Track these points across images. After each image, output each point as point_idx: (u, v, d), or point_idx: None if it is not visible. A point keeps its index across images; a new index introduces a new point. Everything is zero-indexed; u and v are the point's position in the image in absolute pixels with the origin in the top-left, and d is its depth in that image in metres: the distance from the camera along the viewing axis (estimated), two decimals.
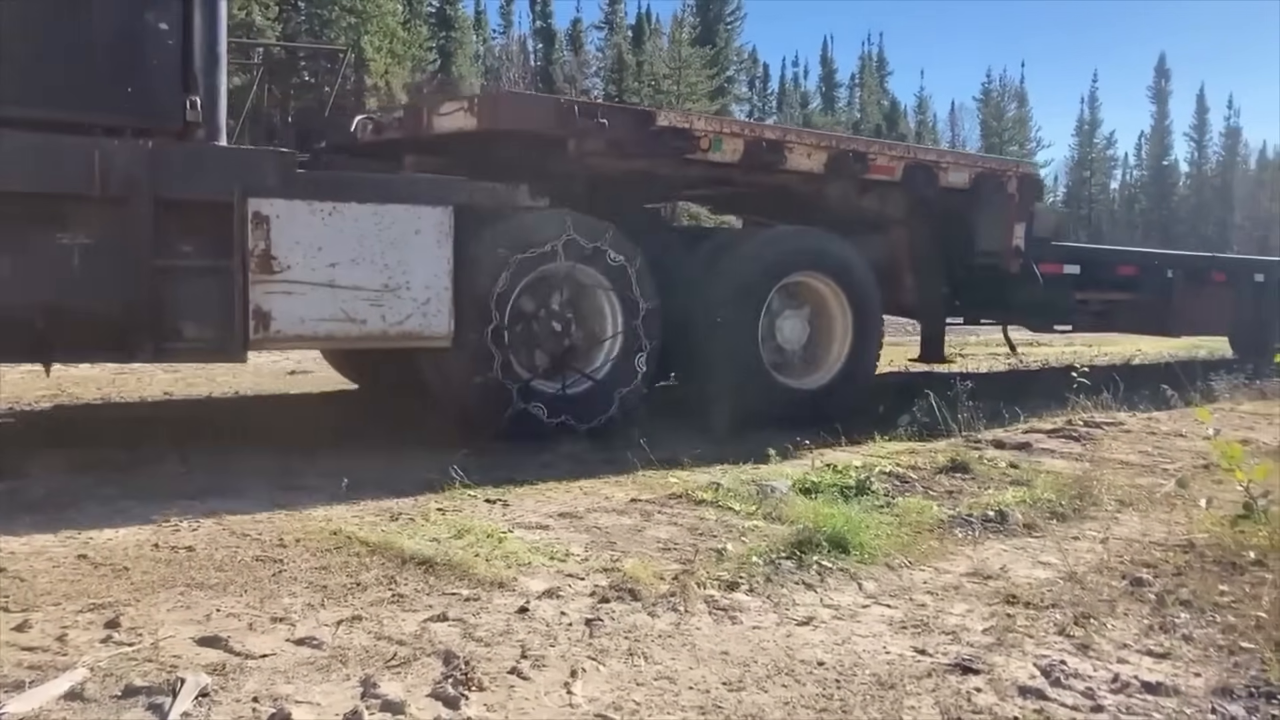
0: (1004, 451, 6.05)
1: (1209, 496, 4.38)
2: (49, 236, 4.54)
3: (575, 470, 5.14)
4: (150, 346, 4.78)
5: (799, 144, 6.79)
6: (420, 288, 5.32)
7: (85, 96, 4.67)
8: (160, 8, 4.73)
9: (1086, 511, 4.58)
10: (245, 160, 5.06)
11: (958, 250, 7.93)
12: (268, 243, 4.90)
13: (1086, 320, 9.24)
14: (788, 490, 4.67)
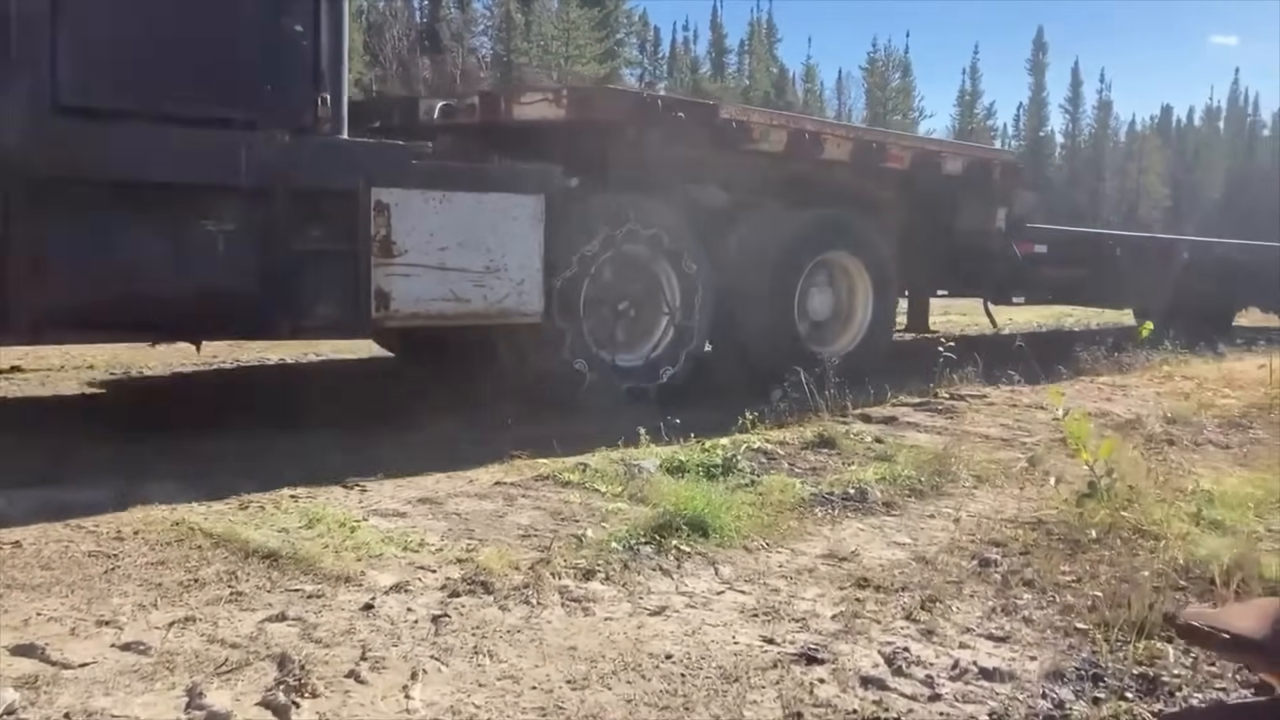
0: (870, 425, 6.15)
1: (1059, 475, 4.49)
2: (198, 225, 4.84)
3: (439, 453, 5.02)
4: (286, 325, 5.21)
5: (832, 136, 7.53)
6: (516, 269, 5.79)
7: (231, 94, 4.96)
8: (295, 11, 5.02)
9: (944, 488, 4.69)
10: (369, 153, 5.42)
11: (946, 229, 8.61)
12: (388, 229, 5.29)
13: (1048, 293, 10.30)
14: (655, 470, 4.66)
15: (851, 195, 7.89)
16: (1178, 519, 3.99)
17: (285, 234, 5.02)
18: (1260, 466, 5.20)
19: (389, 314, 5.37)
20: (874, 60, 62.74)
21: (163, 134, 4.73)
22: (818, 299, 7.73)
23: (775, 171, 7.36)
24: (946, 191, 8.42)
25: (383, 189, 5.29)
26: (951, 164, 8.29)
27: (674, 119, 6.46)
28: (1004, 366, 8.43)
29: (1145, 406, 7.45)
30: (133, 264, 4.72)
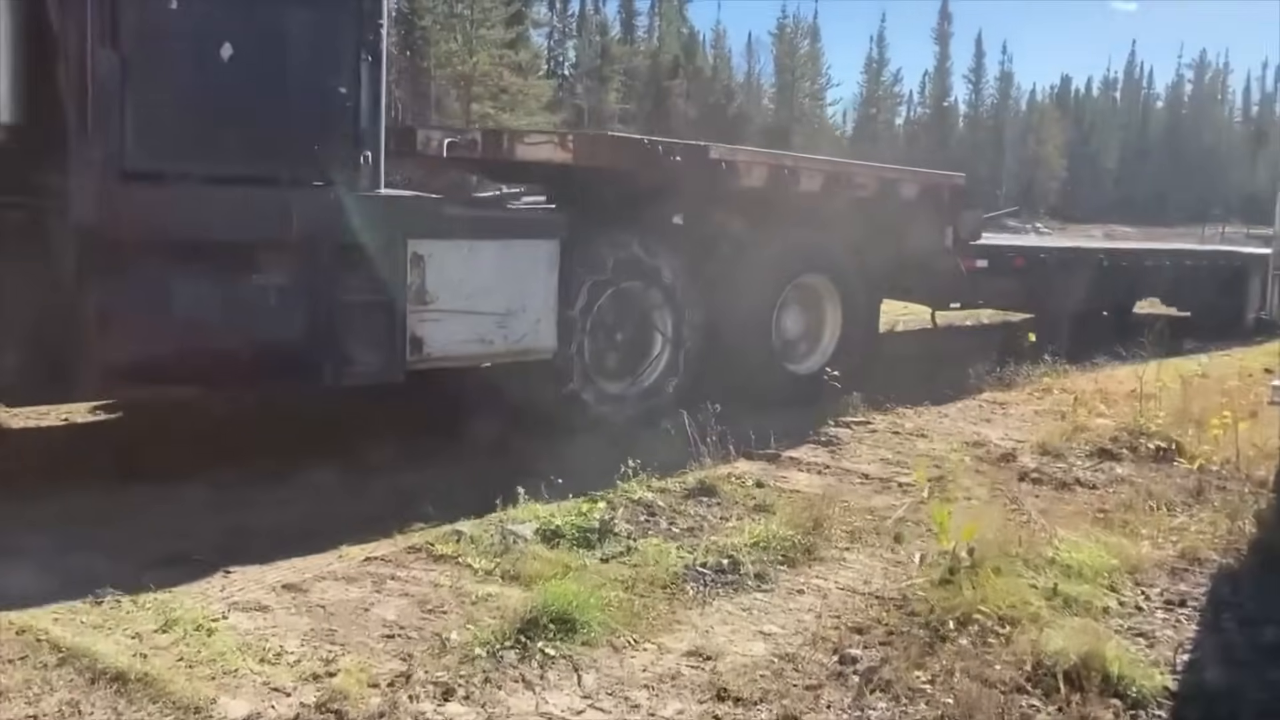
0: (753, 464, 6.22)
1: (922, 552, 4.58)
2: (251, 279, 5.13)
3: (312, 512, 4.93)
4: (329, 372, 5.45)
5: (807, 169, 8.08)
6: (534, 309, 6.27)
7: (283, 154, 5.25)
8: (341, 74, 5.33)
9: (817, 550, 4.75)
10: (406, 206, 5.88)
11: (900, 247, 9.18)
12: (423, 278, 5.70)
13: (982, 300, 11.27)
14: (531, 536, 4.65)
15: (822, 221, 8.33)
16: (1034, 596, 4.12)
17: (330, 286, 5.35)
18: (1118, 519, 5.39)
19: (422, 357, 5.78)
20: (783, 26, 62.91)
21: (221, 194, 5.05)
22: (791, 320, 8.27)
23: (756, 202, 7.74)
24: (902, 214, 8.95)
25: (418, 240, 5.69)
26: (908, 189, 8.86)
27: (671, 162, 6.90)
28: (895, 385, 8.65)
29: (1022, 430, 7.70)
30: (192, 319, 5.01)
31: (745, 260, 7.73)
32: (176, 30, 4.88)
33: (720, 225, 7.71)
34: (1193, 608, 4.29)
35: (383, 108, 5.61)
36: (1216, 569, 4.73)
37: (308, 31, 5.29)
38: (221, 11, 5.01)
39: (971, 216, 9.67)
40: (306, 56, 5.30)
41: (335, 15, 5.35)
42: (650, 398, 7.12)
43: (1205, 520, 5.37)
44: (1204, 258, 14.33)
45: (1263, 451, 6.65)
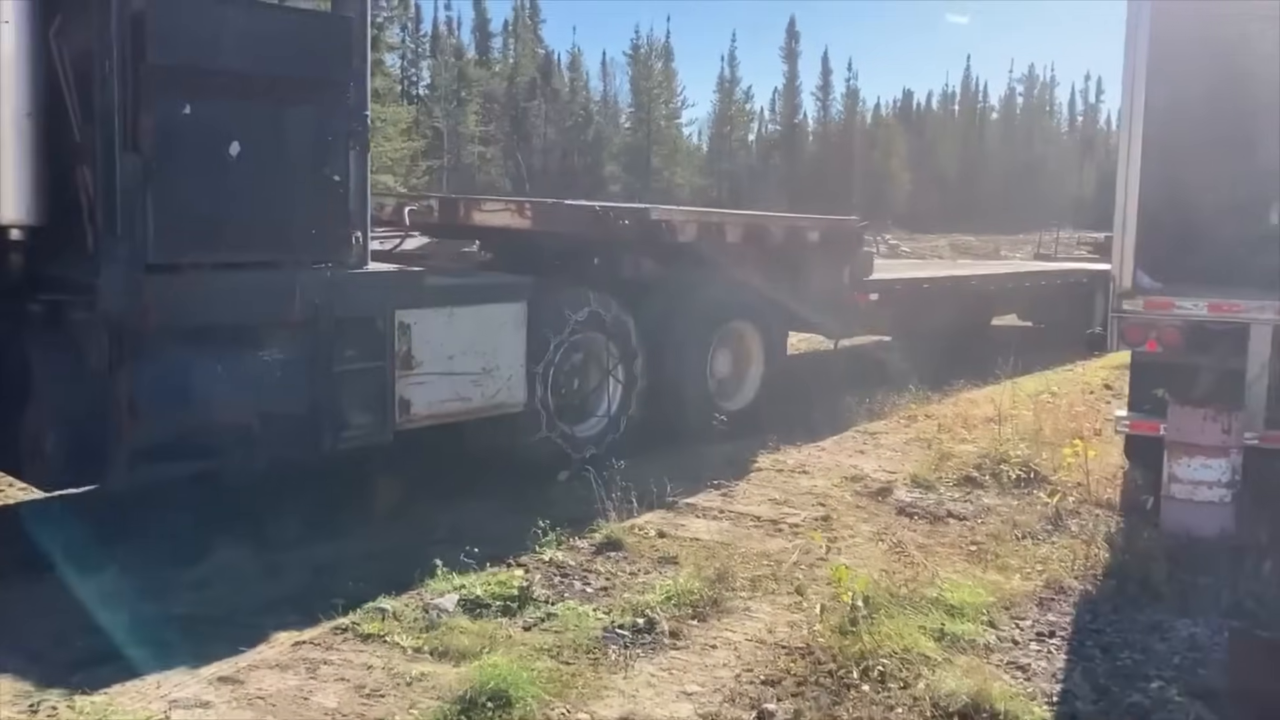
0: (653, 514, 6.50)
1: (821, 602, 4.94)
2: (259, 357, 5.56)
3: (232, 595, 5.00)
4: (329, 438, 5.87)
5: (731, 223, 9.02)
6: (506, 366, 6.85)
7: (286, 239, 5.73)
8: (333, 162, 5.86)
9: (724, 602, 5.08)
10: (392, 280, 6.42)
11: (804, 284, 9.99)
12: (409, 344, 6.22)
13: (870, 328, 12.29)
14: (453, 608, 4.84)
15: (745, 269, 9.07)
16: (925, 638, 4.54)
17: (328, 357, 5.80)
18: (990, 551, 5.90)
19: (409, 418, 6.27)
20: (637, 47, 63.82)
21: (234, 280, 5.55)
22: (722, 361, 9.02)
23: (690, 256, 8.51)
24: (808, 256, 9.88)
25: (404, 310, 6.22)
26: (812, 234, 9.79)
27: (620, 225, 7.72)
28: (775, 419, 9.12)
29: (894, 461, 8.23)
30: (210, 397, 5.36)
31: (683, 309, 8.47)
32: (191, 133, 5.32)
33: (660, 278, 8.37)
34: (1061, 637, 4.78)
35: (368, 190, 6.18)
36: (1078, 597, 5.26)
37: (304, 126, 5.78)
38: (229, 114, 5.47)
39: (865, 255, 10.56)
40: (304, 149, 5.79)
41: (327, 110, 5.84)
42: (609, 434, 7.77)
43: (1065, 548, 5.93)
44: (1056, 277, 15.60)
45: (1109, 475, 7.32)
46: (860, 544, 6.10)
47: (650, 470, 7.31)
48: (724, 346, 9.04)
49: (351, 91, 5.95)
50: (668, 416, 8.27)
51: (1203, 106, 7.94)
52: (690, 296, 8.59)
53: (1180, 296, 6.39)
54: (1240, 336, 6.25)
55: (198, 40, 5.37)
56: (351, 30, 6.00)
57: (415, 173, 43.88)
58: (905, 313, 11.94)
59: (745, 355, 9.30)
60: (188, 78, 5.28)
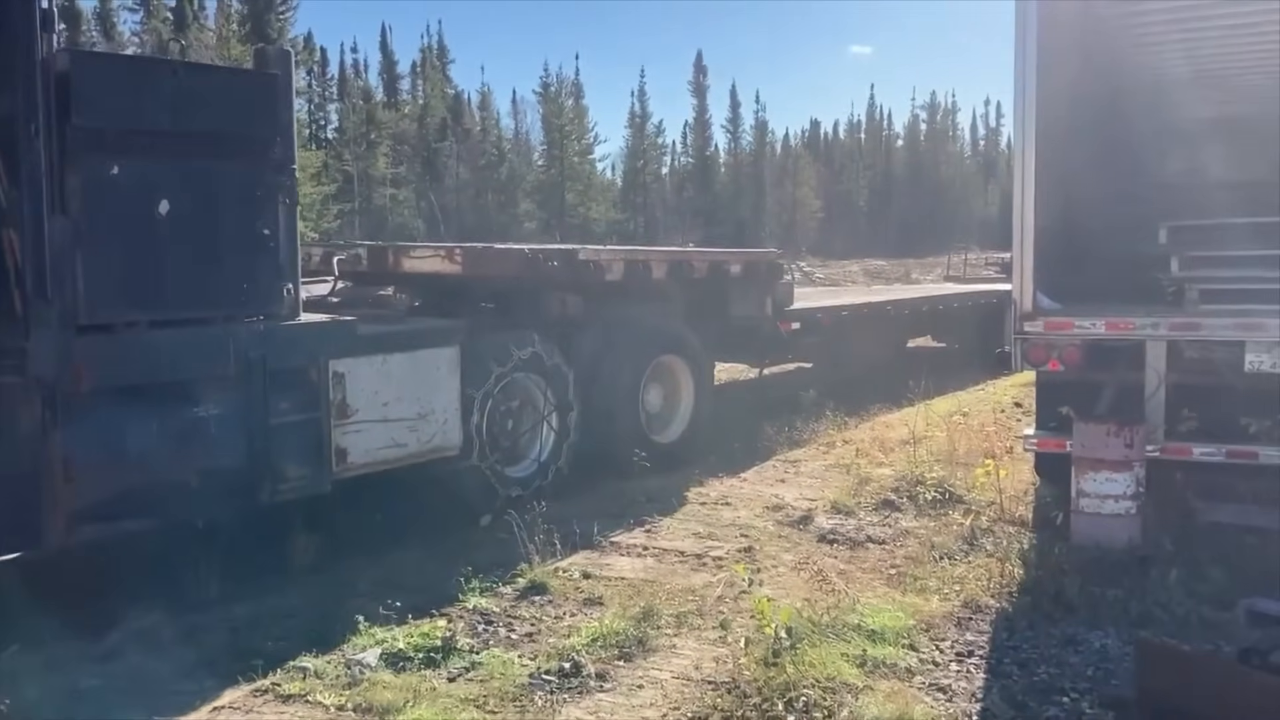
0: (577, 555, 6.49)
1: (745, 635, 4.98)
2: (193, 412, 5.56)
3: (146, 662, 4.85)
4: (268, 490, 5.86)
5: (656, 259, 9.19)
6: (440, 411, 6.89)
7: (219, 294, 5.77)
8: (263, 217, 5.93)
9: (650, 640, 5.07)
10: (325, 330, 6.41)
11: (726, 315, 10.37)
12: (344, 393, 6.24)
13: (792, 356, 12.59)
14: (376, 662, 4.77)
15: (671, 304, 9.52)
16: (847, 665, 4.60)
17: (263, 410, 5.81)
18: (909, 574, 6.00)
19: (346, 467, 6.28)
20: (546, 85, 64.10)
21: (167, 338, 5.53)
22: (654, 395, 9.16)
23: (619, 293, 8.78)
24: (730, 289, 10.23)
25: (338, 360, 6.24)
26: (735, 267, 10.09)
27: (549, 267, 7.85)
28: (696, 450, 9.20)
29: (814, 488, 8.33)
30: (146, 456, 5.37)
31: (614, 345, 8.68)
32: (119, 193, 5.34)
33: (591, 317, 8.53)
34: (979, 656, 4.88)
35: (297, 242, 6.26)
36: (995, 615, 5.38)
37: (233, 182, 5.85)
38: (157, 172, 5.51)
39: (785, 285, 10.81)
40: (233, 204, 5.86)
41: (255, 166, 5.92)
42: (537, 479, 7.78)
43: (981, 566, 6.06)
44: (968, 298, 16.02)
45: (1021, 492, 7.50)
46: (783, 574, 6.16)
47: (574, 509, 7.35)
48: (655, 381, 9.17)
49: (279, 146, 6.02)
50: (601, 452, 8.37)
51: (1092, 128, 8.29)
52: (620, 333, 8.77)
53: (1079, 316, 6.61)
54: (1137, 352, 6.48)
55: (124, 101, 5.40)
56: (277, 87, 6.09)
57: (326, 217, 43.34)
58: (826, 340, 12.23)
59: (676, 388, 9.46)
60: (114, 138, 5.30)
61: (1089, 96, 8.08)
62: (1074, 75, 7.38)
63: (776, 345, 11.15)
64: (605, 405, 8.46)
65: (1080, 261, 7.70)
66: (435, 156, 59.24)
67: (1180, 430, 6.40)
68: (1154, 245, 7.06)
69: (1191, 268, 6.86)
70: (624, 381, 8.66)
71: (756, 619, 4.81)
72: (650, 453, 8.53)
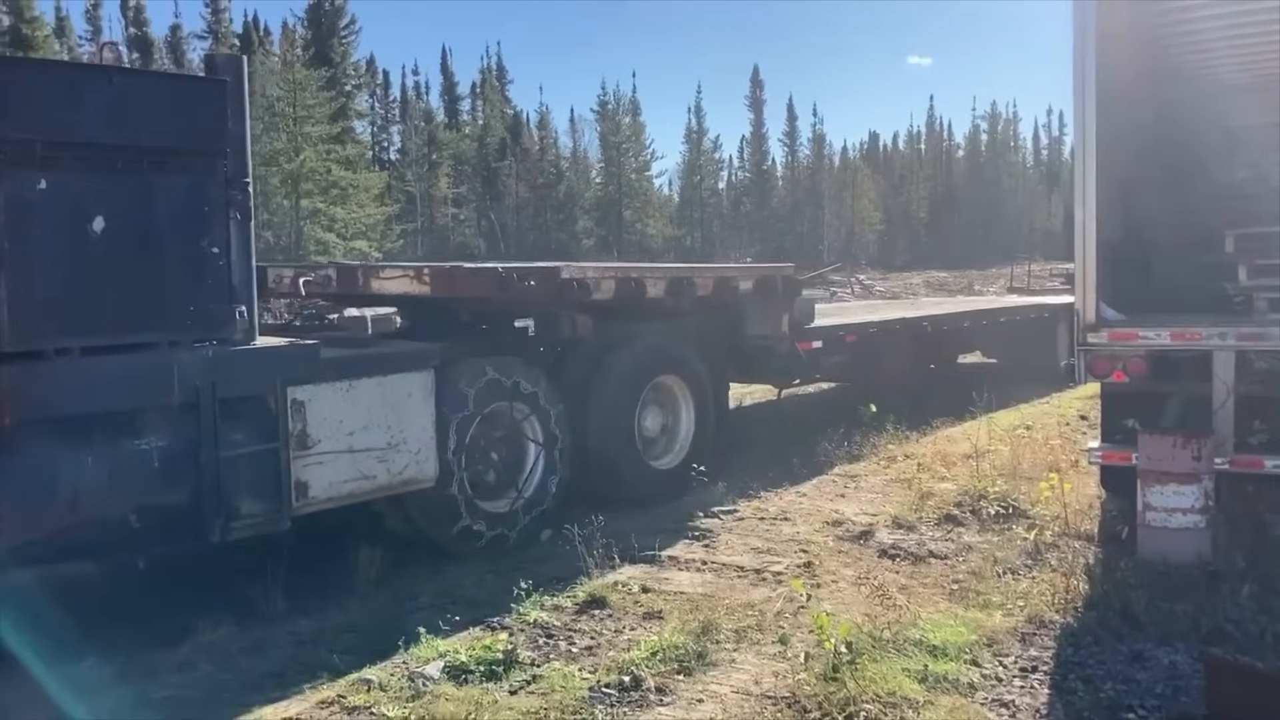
0: (636, 568, 6.52)
1: (806, 650, 4.97)
2: (134, 444, 5.24)
3: (219, 679, 4.97)
4: (217, 527, 5.49)
5: (651, 277, 8.49)
6: (414, 440, 6.45)
7: (161, 318, 5.42)
8: (211, 234, 5.55)
9: (709, 655, 5.08)
10: (282, 355, 5.95)
11: (740, 334, 9.87)
12: (304, 423, 5.86)
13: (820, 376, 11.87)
14: (439, 675, 4.83)
15: (670, 323, 8.96)
16: (908, 681, 4.56)
17: (212, 442, 5.46)
18: (971, 589, 5.94)
19: (307, 501, 5.89)
20: (604, 103, 64.52)
21: (102, 365, 5.16)
22: (650, 418, 8.66)
23: (610, 312, 8.22)
24: (741, 306, 9.68)
25: (297, 387, 5.86)
26: (744, 284, 9.46)
27: (525, 287, 7.26)
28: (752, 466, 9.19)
29: (874, 503, 8.27)
30: (81, 491, 5.06)
31: (606, 367, 8.17)
32: (47, 210, 5.00)
33: (578, 337, 8.07)
34: (1044, 672, 4.82)
35: (253, 261, 5.84)
36: (1060, 630, 5.30)
37: (176, 197, 5.46)
38: (91, 188, 5.14)
39: (804, 302, 10.28)
40: (177, 221, 5.47)
41: (201, 180, 5.53)
42: (535, 505, 7.32)
43: (1045, 581, 5.97)
44: (1017, 313, 15.55)
45: (1086, 507, 7.38)
46: (843, 589, 6.13)
47: (631, 524, 7.36)
48: (653, 404, 8.70)
49: (230, 158, 5.64)
50: (595, 480, 7.95)
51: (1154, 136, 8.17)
52: (613, 354, 8.31)
53: (1143, 326, 6.51)
54: (1204, 363, 6.36)
55: (52, 110, 5.04)
56: (226, 95, 5.67)
57: (390, 237, 44.04)
58: (856, 358, 11.69)
59: (675, 411, 8.99)
60: (42, 151, 4.95)
61: (1149, 104, 7.98)
62: (1133, 83, 7.30)
63: (795, 366, 10.41)
64: (597, 431, 8.00)
65: (1144, 271, 7.60)
66: (495, 176, 59.86)
67: (1251, 443, 6.27)
68: (1220, 254, 6.94)
69: (1260, 276, 6.72)
70: (617, 404, 8.19)
71: (816, 634, 4.80)
72: (647, 480, 8.26)
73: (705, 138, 71.27)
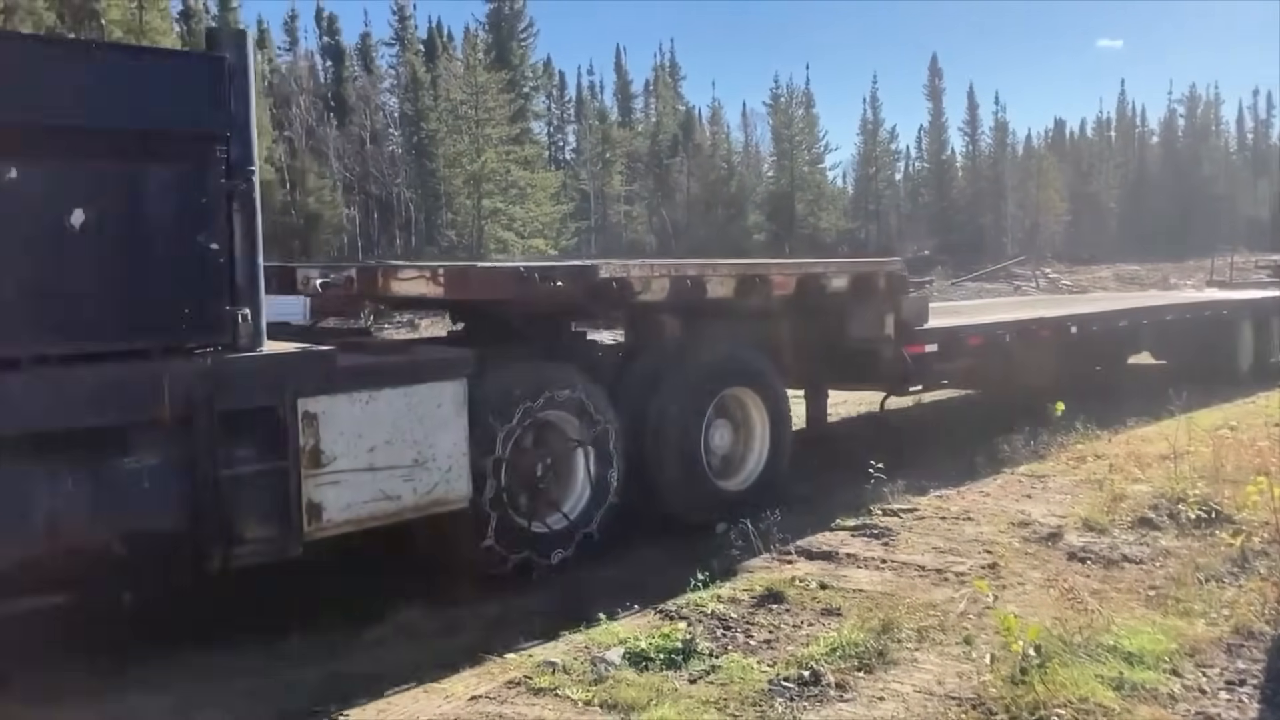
0: (813, 564, 6.49)
1: (991, 651, 4.84)
2: (120, 464, 4.70)
3: (411, 657, 5.21)
4: (218, 555, 4.95)
5: (714, 275, 7.62)
6: (444, 457, 5.80)
7: (148, 322, 4.85)
8: (209, 229, 4.96)
9: (890, 653, 5.01)
10: (293, 363, 5.34)
11: (838, 336, 9.05)
12: (317, 438, 5.26)
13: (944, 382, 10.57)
14: (619, 661, 4.94)
15: (741, 328, 8.22)
16: (1102, 688, 4.39)
17: (210, 460, 4.88)
18: (1170, 597, 5.65)
19: (321, 525, 5.29)
20: (776, 96, 64.12)
21: (83, 375, 4.60)
22: (720, 435, 7.82)
23: (667, 314, 7.62)
24: (835, 304, 8.80)
25: (309, 398, 5.24)
26: (836, 282, 8.58)
27: (551, 287, 6.50)
28: (928, 462, 8.99)
29: (1064, 504, 7.95)
30: (57, 520, 4.53)
31: (668, 376, 7.42)
32: (18, 202, 4.48)
33: (631, 343, 7.68)
34: (1252, 686, 4.54)
35: (259, 258, 5.25)
36: (1270, 642, 4.98)
37: (169, 188, 4.88)
38: (69, 177, 4.61)
39: (915, 301, 9.35)
40: (169, 215, 4.89)
41: (198, 167, 4.95)
42: (579, 530, 6.65)
43: (1253, 590, 5.62)
44: (1187, 310, 14.32)
45: None
46: (1030, 591, 5.93)
47: (808, 520, 7.33)
48: (721, 419, 7.84)
49: (231, 144, 5.04)
50: (656, 502, 7.26)
51: None
52: (678, 362, 7.53)
53: None
54: None
55: (24, 90, 4.48)
56: (225, 72, 5.03)
57: (564, 235, 45.05)
58: (985, 362, 10.56)
59: (748, 426, 8.09)
60: (12, 135, 4.43)
61: None
62: None
63: (901, 372, 9.30)
64: (658, 447, 7.21)
65: None
66: (667, 172, 60.44)
67: None
68: None
69: None
70: (682, 419, 7.32)
71: (1003, 635, 4.66)
72: (714, 503, 7.47)
73: (881, 129, 69.95)
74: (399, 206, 45.14)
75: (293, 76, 49.83)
